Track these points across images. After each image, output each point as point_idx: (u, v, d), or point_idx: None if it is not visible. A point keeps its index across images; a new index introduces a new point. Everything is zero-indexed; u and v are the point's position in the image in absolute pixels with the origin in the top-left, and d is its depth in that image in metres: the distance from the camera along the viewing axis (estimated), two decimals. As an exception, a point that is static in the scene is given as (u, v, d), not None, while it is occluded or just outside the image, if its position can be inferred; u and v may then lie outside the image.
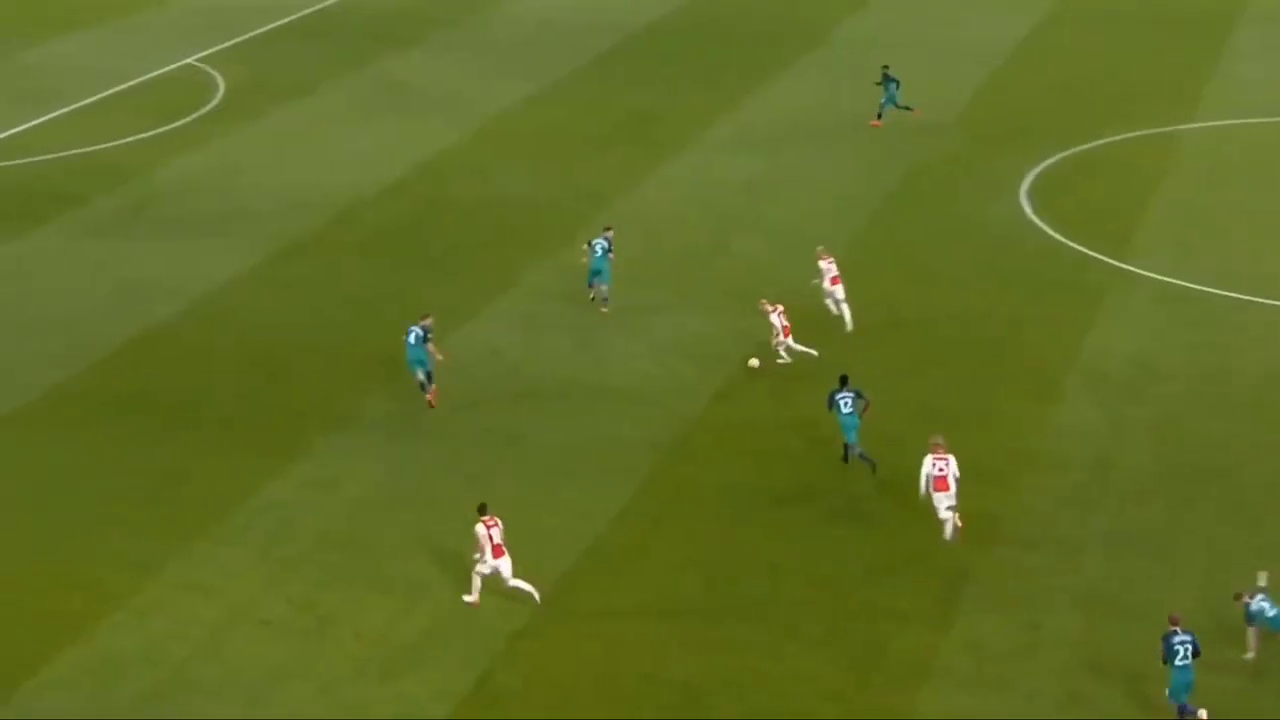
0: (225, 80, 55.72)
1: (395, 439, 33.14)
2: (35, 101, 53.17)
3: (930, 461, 29.40)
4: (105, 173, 47.15)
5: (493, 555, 27.92)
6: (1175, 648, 24.65)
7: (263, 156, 48.77)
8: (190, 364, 36.18)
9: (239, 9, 64.74)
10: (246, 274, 40.61)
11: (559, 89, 54.94)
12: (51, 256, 41.67)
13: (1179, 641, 24.74)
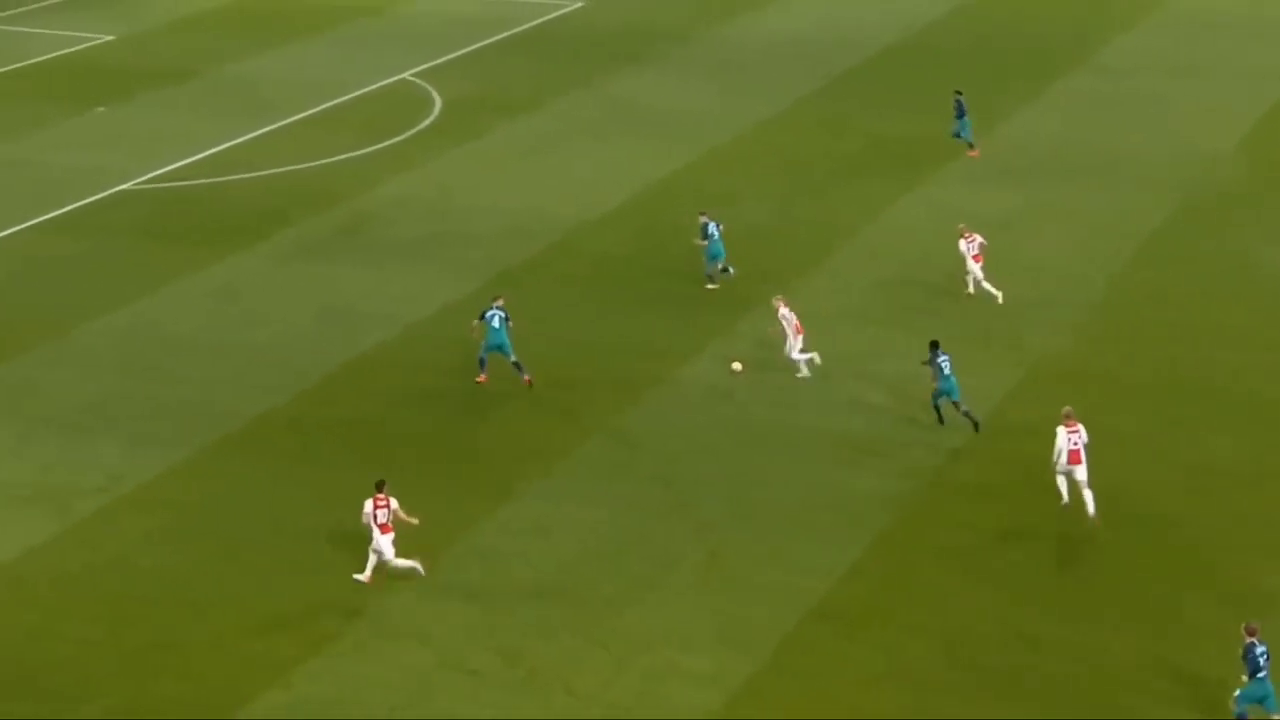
0: (442, 96, 56.51)
1: (613, 482, 33.07)
2: (245, 116, 54.47)
3: (1064, 434, 30.74)
4: (315, 192, 48.06)
5: (380, 532, 29.62)
6: (1258, 659, 25.65)
7: (479, 178, 49.29)
8: (399, 396, 36.56)
9: (458, 21, 65.74)
10: (459, 302, 40.94)
11: (795, 111, 54.71)
12: (259, 278, 42.53)
13: (1261, 653, 25.66)
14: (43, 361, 37.90)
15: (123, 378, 37.21)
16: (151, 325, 39.79)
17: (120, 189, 48.19)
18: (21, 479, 32.89)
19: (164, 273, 42.52)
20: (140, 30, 64.76)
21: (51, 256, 43.72)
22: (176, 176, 49.31)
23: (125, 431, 34.85)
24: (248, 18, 66.96)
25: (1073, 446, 30.84)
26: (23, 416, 35.30)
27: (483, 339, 36.77)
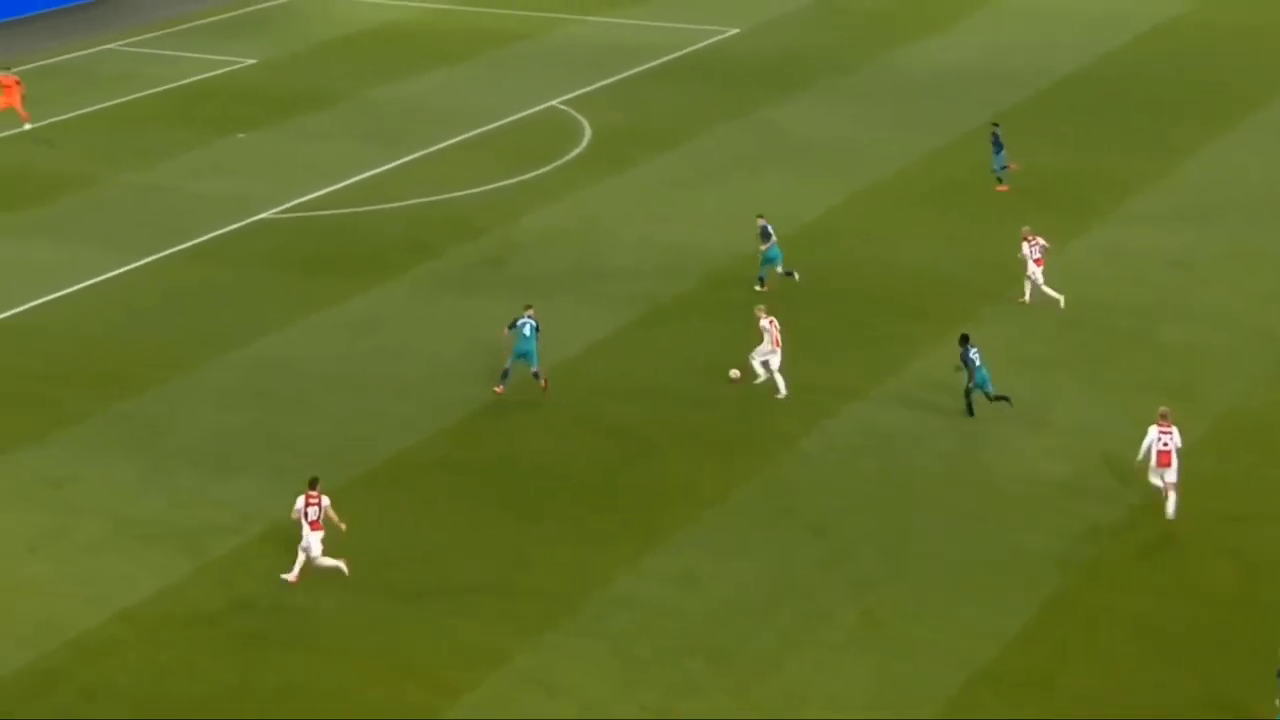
0: (591, 125, 56.60)
1: (766, 531, 32.70)
2: (388, 143, 54.89)
3: (1154, 432, 31.83)
4: (460, 222, 48.24)
5: (310, 529, 30.76)
6: None
7: (629, 210, 49.24)
8: (544, 435, 36.49)
9: (609, 48, 65.90)
10: (606, 339, 40.87)
11: (962, 145, 54.14)
12: (402, 311, 42.70)
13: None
14: (177, 394, 38.28)
15: (258, 412, 37.48)
16: (289, 359, 40.08)
17: (259, 218, 48.70)
18: (154, 516, 33.16)
19: (302, 304, 42.85)
20: (283, 54, 65.60)
21: (189, 286, 44.22)
22: (317, 205, 49.75)
23: (260, 468, 35.05)
24: (393, 42, 67.58)
25: (1162, 447, 31.80)
26: (156, 451, 35.63)
27: (511, 347, 37.83)
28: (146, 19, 70.63)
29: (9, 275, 44.68)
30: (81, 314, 42.50)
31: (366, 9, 72.63)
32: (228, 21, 70.55)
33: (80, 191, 50.87)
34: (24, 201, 49.98)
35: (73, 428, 36.59)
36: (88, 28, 69.50)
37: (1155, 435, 31.99)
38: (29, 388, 38.49)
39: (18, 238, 47.32)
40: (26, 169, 52.85)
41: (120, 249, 46.24)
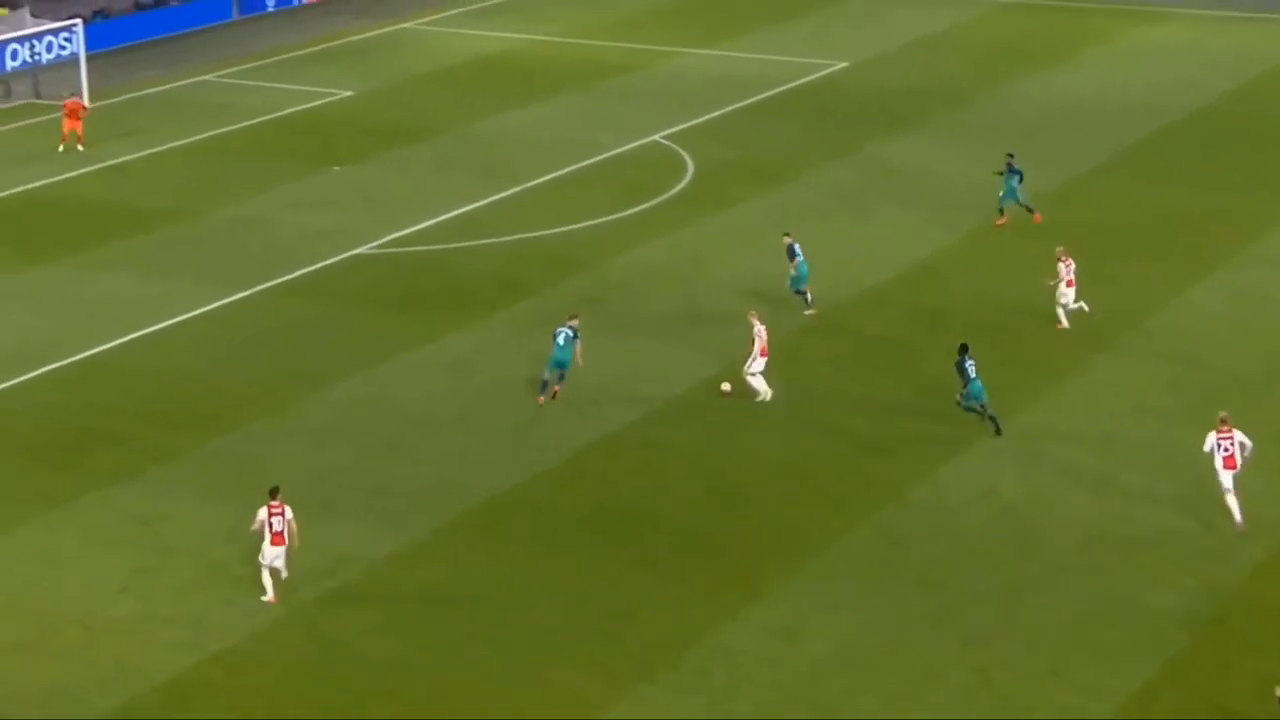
0: (695, 160, 56.65)
1: (872, 584, 32.47)
2: (486, 177, 55.15)
3: (1213, 438, 32.87)
4: (559, 259, 48.36)
5: (270, 543, 31.57)
6: None
7: (732, 248, 49.19)
8: (642, 481, 36.44)
9: (715, 81, 66.01)
10: (707, 381, 40.66)
11: (1081, 182, 53.80)
12: (497, 350, 42.83)
13: None
14: (270, 433, 38.55)
15: (352, 452, 37.66)
16: (383, 397, 40.27)
17: (355, 253, 49.02)
18: (246, 557, 33.29)
19: (398, 342, 43.07)
20: (380, 86, 66.14)
21: (283, 322, 44.57)
22: (413, 241, 50.04)
23: (353, 510, 35.20)
24: (492, 74, 67.99)
25: (1225, 453, 32.70)
26: (248, 491, 35.73)
27: None
28: (243, 50, 71.43)
29: (103, 310, 45.17)
30: (175, 350, 42.90)
31: (466, 40, 73.14)
32: (325, 53, 71.23)
33: (175, 225, 51.41)
34: (119, 234, 50.55)
35: (165, 465, 36.90)
36: (183, 58, 70.36)
37: (1214, 440, 33.02)
38: (121, 425, 38.88)
39: (112, 271, 47.87)
40: (121, 201, 53.49)
41: (214, 283, 46.68)
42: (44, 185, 54.85)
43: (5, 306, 45.42)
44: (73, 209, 52.85)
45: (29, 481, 36.17)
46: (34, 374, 41.21)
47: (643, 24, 75.53)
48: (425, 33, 74.83)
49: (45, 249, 49.38)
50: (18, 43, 65.70)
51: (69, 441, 37.84)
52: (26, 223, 51.77)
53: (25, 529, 34.34)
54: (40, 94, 64.19)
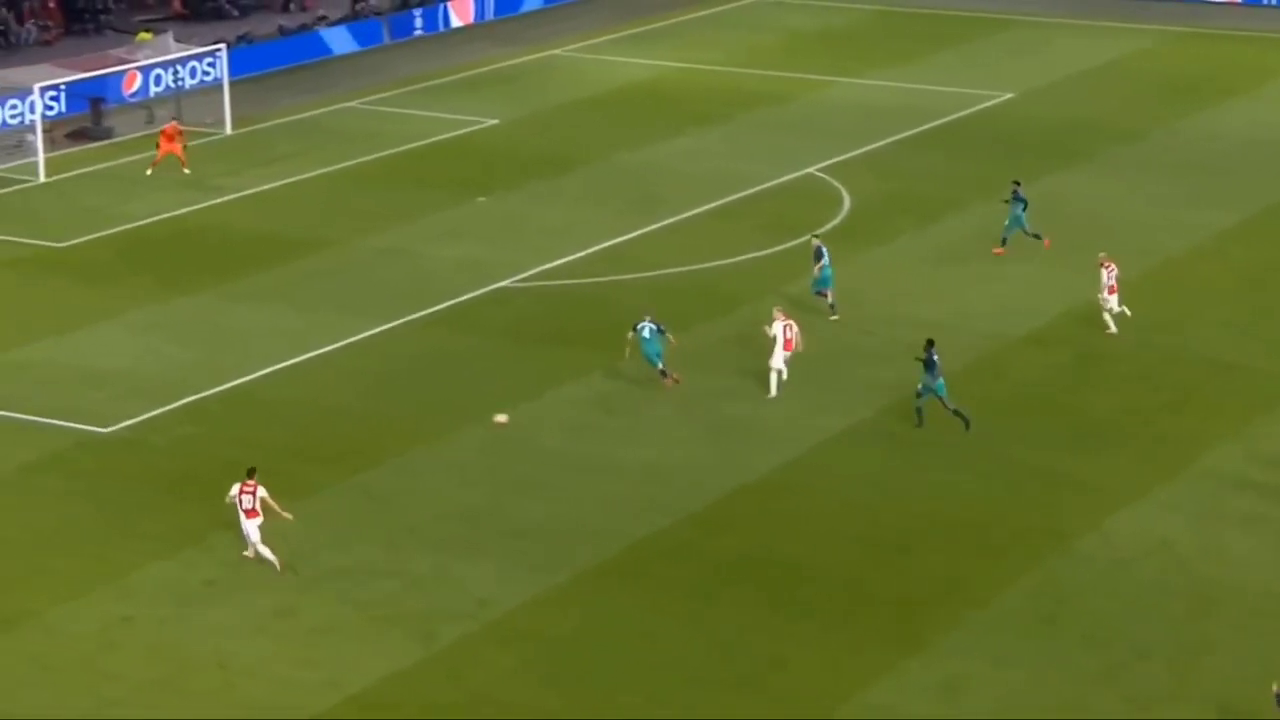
0: (851, 194, 56.45)
1: (1036, 640, 32.09)
2: (634, 209, 55.26)
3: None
4: (708, 294, 48.31)
5: (245, 517, 34.09)
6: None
7: (889, 286, 48.93)
8: (792, 526, 36.31)
9: (873, 112, 65.84)
10: (860, 424, 40.63)
11: (1264, 220, 53.00)
12: (644, 388, 42.73)
13: None
14: (412, 469, 38.81)
15: (494, 491, 37.83)
16: (527, 434, 40.44)
17: (500, 285, 49.30)
18: (385, 597, 33.58)
19: (543, 378, 43.24)
20: (527, 114, 66.56)
21: (426, 355, 44.90)
22: (559, 274, 50.25)
23: (495, 551, 35.34)
24: (641, 103, 68.21)
25: None
26: (389, 528, 36.14)
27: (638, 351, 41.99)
28: (388, 76, 72.13)
29: (246, 341, 45.71)
30: (317, 382, 43.34)
31: (615, 67, 73.46)
32: (471, 79, 71.79)
33: (317, 254, 51.96)
34: (262, 263, 51.19)
35: (307, 500, 37.17)
36: (328, 84, 71.21)
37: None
38: (262, 458, 39.09)
39: (255, 301, 48.46)
40: (264, 230, 54.17)
41: (357, 315, 47.11)
42: (187, 213, 55.67)
43: (147, 336, 46.11)
44: (216, 237, 53.60)
45: (168, 516, 36.66)
46: (175, 405, 41.77)
47: (798, 52, 75.51)
48: (574, 59, 75.26)
49: (188, 278, 50.10)
50: (161, 68, 66.90)
51: (209, 475, 38.26)
52: (169, 251, 52.54)
53: (163, 564, 34.79)
54: (183, 121, 65.19)
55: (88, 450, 39.65)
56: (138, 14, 78.66)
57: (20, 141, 61.25)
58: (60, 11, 76.51)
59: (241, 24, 77.13)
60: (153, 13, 79.36)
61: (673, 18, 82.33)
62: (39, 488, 37.97)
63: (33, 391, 42.42)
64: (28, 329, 46.21)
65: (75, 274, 49.78)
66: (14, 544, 35.66)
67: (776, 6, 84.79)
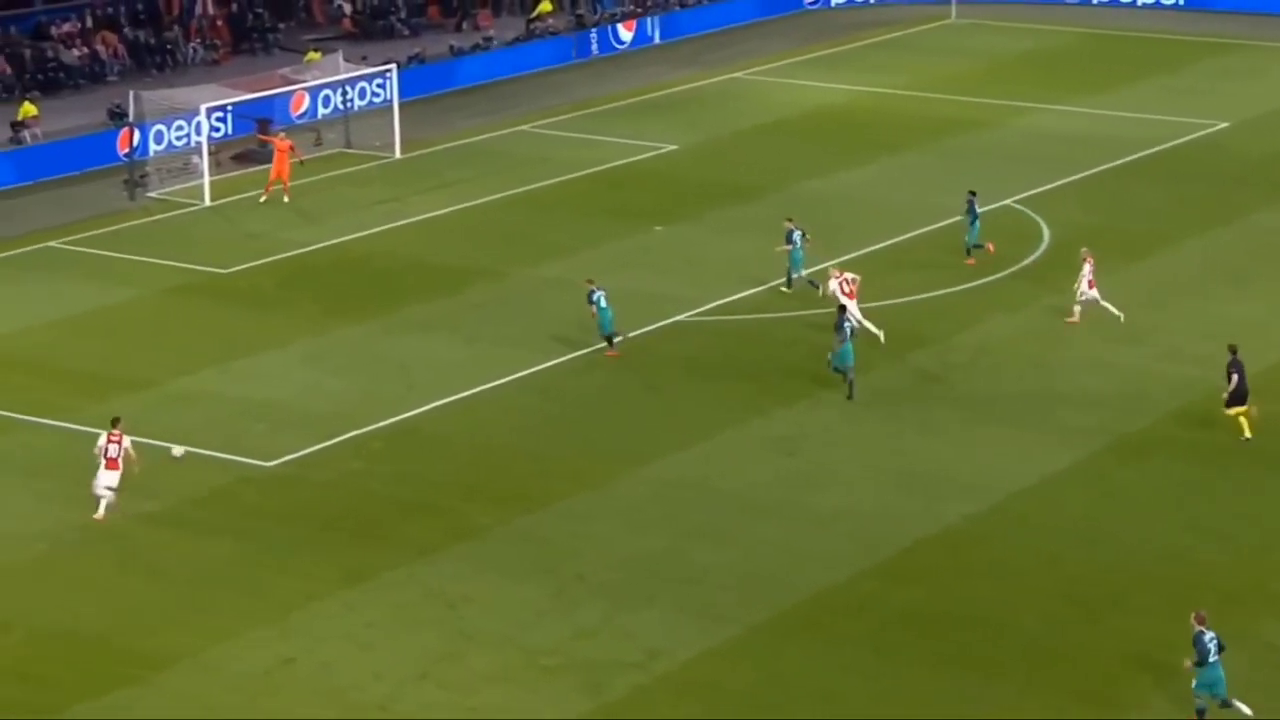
0: (1051, 228, 56.11)
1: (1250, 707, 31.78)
2: (822, 240, 54.93)
3: None
4: (897, 333, 47.88)
5: (105, 468, 38.02)
6: (1207, 645, 30.94)
7: (1093, 325, 48.46)
8: (986, 581, 36.13)
9: (1078, 140, 65.54)
10: (1059, 474, 40.37)
11: None
12: (825, 431, 42.90)
13: (1209, 639, 30.99)
14: (582, 511, 39.14)
15: (668, 537, 38.02)
16: (703, 478, 40.63)
17: (675, 319, 49.54)
18: (552, 645, 33.88)
19: (719, 417, 43.42)
20: (707, 139, 66.93)
21: (597, 392, 45.24)
22: (739, 308, 50.39)
23: (667, 599, 35.52)
24: (827, 129, 68.34)
25: None
26: (558, 574, 36.45)
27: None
28: (562, 99, 72.89)
29: (411, 373, 46.33)
30: (484, 418, 43.83)
31: (800, 91, 73.68)
32: (649, 103, 72.35)
33: (485, 284, 52.57)
34: (428, 292, 51.89)
35: (471, 542, 37.71)
36: (499, 107, 72.08)
37: None
38: (427, 496, 39.86)
39: (421, 331, 49.12)
40: (432, 258, 54.87)
41: (528, 347, 47.61)
42: (352, 239, 56.61)
43: (310, 367, 46.93)
44: (381, 265, 54.43)
45: (329, 555, 37.25)
46: (338, 440, 42.46)
47: (995, 77, 75.30)
48: (757, 83, 75.58)
49: (352, 307, 50.93)
50: (330, 88, 68.09)
51: (372, 514, 38.91)
52: (333, 279, 53.44)
53: (324, 605, 35.35)
54: (352, 143, 66.34)
55: (250, 485, 40.45)
56: (306, 33, 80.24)
57: (186, 164, 62.70)
58: (228, 30, 78.21)
59: (413, 43, 78.37)
60: (322, 32, 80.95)
61: (862, 40, 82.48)
62: (201, 523, 38.78)
63: (195, 423, 43.32)
64: (190, 358, 47.21)
65: (238, 302, 50.80)
66: (174, 580, 36.45)
67: (974, 28, 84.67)
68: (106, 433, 38.58)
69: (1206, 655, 30.89)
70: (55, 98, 70.89)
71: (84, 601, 35.59)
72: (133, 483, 39.08)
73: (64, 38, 73.79)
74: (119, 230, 57.84)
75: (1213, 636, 30.97)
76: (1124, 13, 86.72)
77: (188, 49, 76.16)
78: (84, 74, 73.02)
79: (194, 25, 77.28)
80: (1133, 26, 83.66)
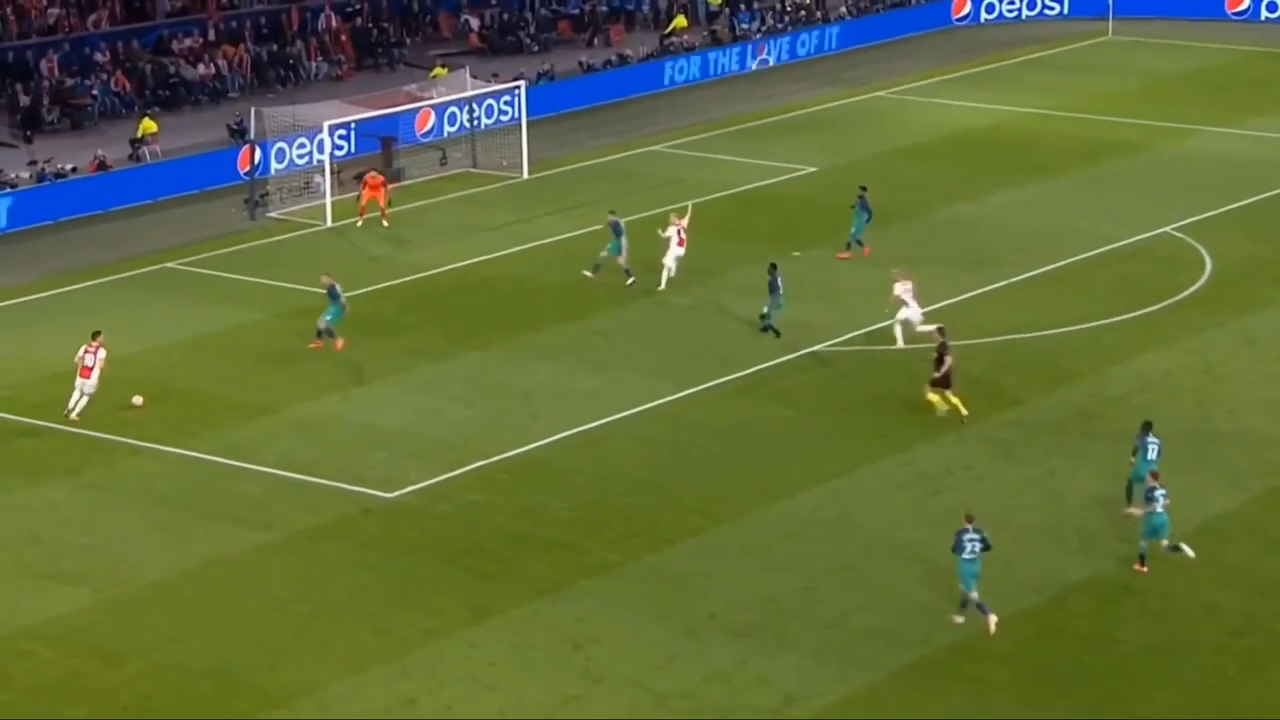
0: (1214, 257, 55.67)
1: None
2: (966, 269, 55.12)
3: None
4: (1048, 365, 47.93)
5: (80, 375, 44.60)
6: (964, 543, 35.62)
7: (1256, 360, 48.26)
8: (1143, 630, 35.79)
9: (1240, 163, 65.12)
10: (1224, 516, 40.12)
11: None
12: (975, 466, 42.72)
13: (968, 538, 35.57)
14: (714, 549, 39.11)
15: (805, 576, 37.94)
16: (841, 515, 40.57)
17: (814, 349, 49.48)
18: (683, 689, 33.86)
19: (859, 453, 43.36)
20: (847, 161, 66.86)
21: (731, 424, 45.21)
22: (880, 337, 50.08)
23: (805, 642, 35.45)
24: (976, 150, 68.12)
25: None
26: (689, 614, 36.45)
27: None
28: (698, 117, 73.07)
29: (538, 402, 46.56)
30: (613, 450, 43.92)
31: (946, 111, 73.54)
32: (787, 123, 72.44)
33: (613, 310, 52.64)
34: (555, 319, 52.04)
35: (598, 579, 37.80)
36: (631, 126, 72.38)
37: None
38: (552, 531, 39.98)
39: (547, 360, 49.28)
40: (557, 283, 55.05)
41: (659, 376, 47.70)
42: (476, 263, 56.98)
43: (432, 394, 47.24)
44: (506, 289, 54.71)
45: (452, 591, 37.46)
46: (461, 471, 42.71)
47: (1155, 96, 74.87)
48: (900, 102, 75.50)
49: (475, 332, 51.25)
50: (456, 106, 68.57)
51: (496, 548, 39.11)
52: (456, 303, 53.81)
53: (447, 643, 35.53)
54: (478, 163, 66.79)
55: (372, 516, 40.76)
56: (432, 48, 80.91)
57: (308, 183, 63.35)
58: (352, 46, 79.00)
59: (542, 59, 78.82)
60: (448, 47, 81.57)
61: (1013, 58, 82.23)
62: (321, 555, 39.12)
63: (316, 452, 43.75)
64: (312, 384, 47.66)
65: (360, 326, 51.22)
66: (294, 614, 36.77)
67: (1132, 46, 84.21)
68: (86, 345, 44.87)
69: (960, 551, 35.45)
70: (176, 114, 71.98)
71: (199, 635, 35.98)
72: (248, 513, 39.60)
73: (185, 53, 74.86)
74: (239, 251, 58.58)
75: (976, 536, 35.39)
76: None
77: (311, 65, 77.03)
78: (205, 90, 74.05)
79: (316, 40, 78.12)
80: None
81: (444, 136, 69.12)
